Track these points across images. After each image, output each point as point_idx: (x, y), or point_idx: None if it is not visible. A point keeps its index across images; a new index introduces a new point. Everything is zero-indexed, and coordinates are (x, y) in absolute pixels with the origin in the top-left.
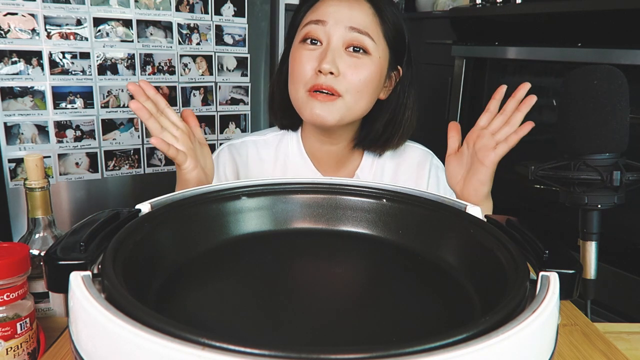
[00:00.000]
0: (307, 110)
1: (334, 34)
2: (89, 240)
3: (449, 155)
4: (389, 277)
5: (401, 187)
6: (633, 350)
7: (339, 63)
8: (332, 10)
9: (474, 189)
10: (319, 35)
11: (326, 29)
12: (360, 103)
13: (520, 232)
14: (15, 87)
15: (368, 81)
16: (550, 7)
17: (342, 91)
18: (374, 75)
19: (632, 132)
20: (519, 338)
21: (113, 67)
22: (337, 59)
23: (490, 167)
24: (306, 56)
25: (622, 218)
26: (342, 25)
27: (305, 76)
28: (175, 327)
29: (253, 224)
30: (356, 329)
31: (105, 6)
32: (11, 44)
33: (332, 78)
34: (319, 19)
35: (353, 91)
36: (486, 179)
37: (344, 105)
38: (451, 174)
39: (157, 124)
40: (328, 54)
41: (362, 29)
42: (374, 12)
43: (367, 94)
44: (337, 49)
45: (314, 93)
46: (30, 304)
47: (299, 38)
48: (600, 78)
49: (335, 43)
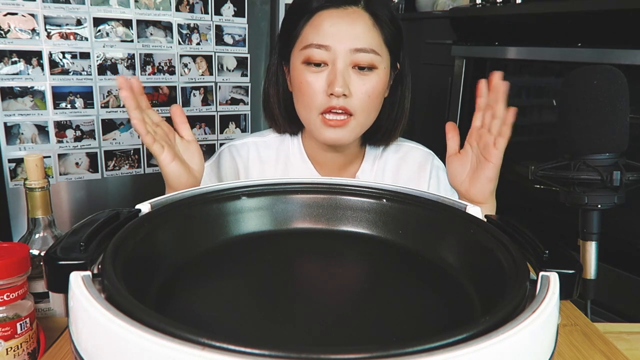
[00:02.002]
0: (322, 134)
1: (339, 57)
2: (89, 240)
3: (450, 156)
4: (389, 277)
5: (401, 187)
6: (633, 350)
7: (348, 83)
8: (334, 30)
9: (481, 186)
10: (324, 58)
11: (330, 52)
12: (371, 116)
13: (520, 232)
14: (15, 87)
15: (376, 95)
16: (550, 7)
17: (355, 110)
18: (381, 87)
19: (632, 132)
20: (519, 338)
21: (113, 67)
22: (346, 79)
23: (497, 163)
24: (314, 79)
25: (622, 218)
26: (346, 47)
27: (317, 100)
28: (175, 327)
29: (253, 224)
30: (356, 329)
31: (105, 6)
32: (11, 44)
33: (343, 99)
34: (322, 44)
35: (364, 108)
36: (493, 175)
37: (357, 124)
38: (454, 174)
39: (142, 115)
40: (338, 77)
41: (367, 47)
42: (373, 22)
43: (376, 107)
44: (345, 69)
45: (326, 119)
46: (30, 304)
47: (300, 58)
48: (600, 78)
49: (341, 64)
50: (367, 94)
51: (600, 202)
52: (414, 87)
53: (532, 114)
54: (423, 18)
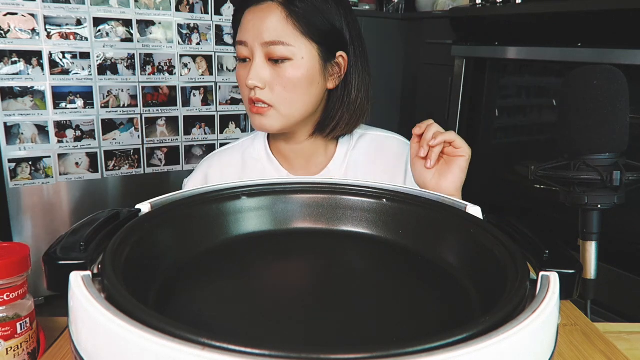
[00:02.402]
0: (252, 122)
1: (255, 51)
2: (89, 240)
3: (414, 158)
4: (389, 277)
5: (401, 187)
6: (633, 350)
7: (263, 76)
8: (249, 27)
9: (453, 177)
10: (245, 54)
11: (248, 48)
12: (296, 106)
13: (520, 232)
14: (15, 87)
15: (294, 86)
16: (550, 7)
17: (272, 102)
18: (299, 78)
19: (632, 132)
20: (519, 338)
21: (113, 67)
22: (260, 72)
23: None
24: (242, 73)
25: (622, 218)
26: (258, 42)
27: (244, 92)
28: (175, 327)
29: (253, 224)
30: (356, 328)
31: (105, 6)
32: (11, 44)
33: (259, 91)
34: (241, 40)
35: (282, 100)
36: (465, 165)
37: (277, 114)
38: (421, 171)
39: None
40: (251, 71)
41: (274, 39)
42: (286, 15)
43: (299, 97)
44: (260, 63)
45: (251, 106)
46: (30, 303)
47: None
48: (600, 78)
49: (257, 59)
50: (282, 85)
51: (600, 202)
52: (413, 86)
53: (532, 114)
54: (423, 18)
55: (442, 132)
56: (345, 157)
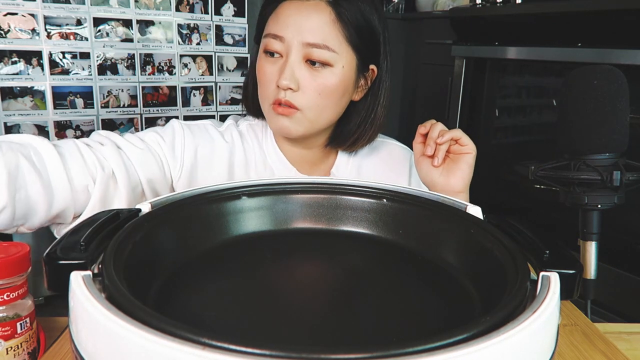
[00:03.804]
0: (273, 123)
1: (292, 49)
2: (89, 240)
3: (420, 157)
4: (389, 277)
5: (401, 187)
6: (633, 350)
7: (298, 77)
8: (290, 22)
9: (461, 173)
10: (277, 49)
11: (284, 44)
12: (323, 114)
13: (520, 232)
14: (15, 87)
15: (329, 93)
16: (550, 7)
17: (302, 106)
18: (336, 86)
19: (632, 132)
20: (520, 338)
21: (113, 67)
22: (296, 72)
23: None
24: (268, 69)
25: (622, 218)
26: (299, 41)
27: (268, 90)
28: (175, 327)
29: (253, 224)
30: (356, 329)
31: (105, 6)
32: (11, 44)
33: (290, 93)
34: (277, 34)
35: (313, 105)
36: (473, 161)
37: (304, 119)
38: (427, 170)
39: None
40: (286, 70)
41: (319, 42)
42: (334, 18)
43: (330, 105)
44: (296, 62)
45: (275, 106)
46: (30, 303)
47: (262, 46)
48: (600, 78)
49: (293, 58)
50: (317, 91)
51: (600, 202)
52: (413, 86)
53: (532, 114)
54: (423, 18)
55: (447, 130)
56: (348, 162)
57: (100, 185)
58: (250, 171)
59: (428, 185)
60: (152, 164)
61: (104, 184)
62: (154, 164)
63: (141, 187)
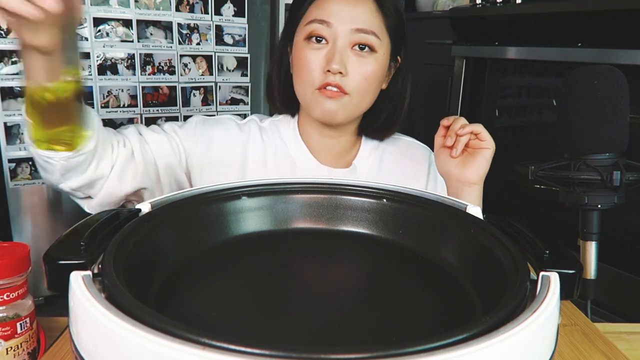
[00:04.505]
0: (318, 107)
1: (340, 35)
2: (89, 240)
3: (440, 148)
4: (389, 277)
5: (401, 187)
6: (633, 350)
7: (346, 62)
8: (336, 9)
9: (477, 166)
10: (325, 35)
11: (332, 30)
12: (365, 99)
13: (520, 232)
14: (15, 87)
15: (373, 78)
16: (550, 7)
17: (350, 89)
18: (378, 71)
19: (632, 132)
20: (520, 338)
21: (113, 67)
22: (345, 58)
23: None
24: (313, 56)
25: (622, 218)
26: (348, 27)
27: (314, 76)
28: (175, 327)
29: (253, 224)
30: (356, 329)
31: (105, 6)
32: (11, 44)
33: (339, 77)
34: (324, 20)
35: (359, 89)
36: (490, 155)
37: (350, 103)
38: (445, 161)
39: None
40: (336, 55)
41: (367, 28)
42: (377, 7)
43: (372, 90)
44: (344, 48)
45: (322, 90)
46: (30, 303)
47: (302, 34)
48: (600, 78)
49: (341, 43)
50: (364, 76)
51: (600, 202)
52: (413, 86)
53: (532, 114)
54: (423, 18)
55: (468, 124)
56: (370, 156)
57: (120, 160)
58: (269, 162)
59: (444, 175)
60: (167, 148)
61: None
62: (168, 147)
63: (155, 166)
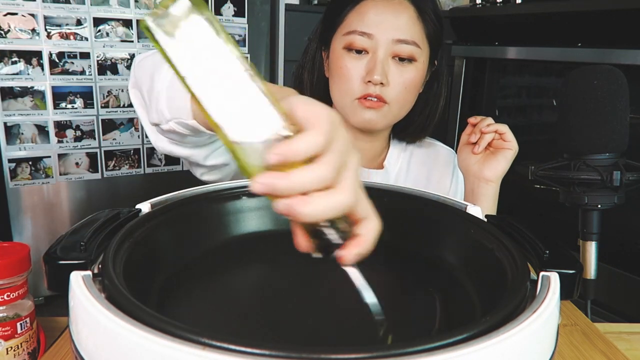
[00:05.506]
0: (357, 116)
1: (381, 45)
2: (89, 240)
3: (464, 145)
4: (389, 277)
5: (401, 187)
6: (633, 351)
7: (387, 72)
8: (378, 19)
9: (496, 164)
10: (365, 46)
11: (373, 41)
12: (405, 107)
13: (520, 232)
14: (15, 87)
15: (412, 87)
16: (550, 7)
17: (390, 99)
18: (418, 79)
19: (632, 132)
20: (520, 338)
21: (113, 67)
22: (386, 68)
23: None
24: (353, 66)
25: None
26: (389, 37)
27: (354, 86)
28: (175, 327)
29: (254, 224)
30: (356, 329)
31: (105, 6)
32: (11, 44)
33: (380, 87)
34: (365, 32)
35: (399, 98)
36: (512, 156)
37: (390, 112)
38: (466, 156)
39: None
40: (377, 65)
41: (409, 39)
42: (417, 15)
43: (410, 99)
44: (385, 58)
45: (362, 100)
46: (30, 303)
47: (342, 43)
48: (600, 78)
49: (382, 54)
50: (404, 86)
51: (600, 202)
52: None
53: (532, 114)
54: None
55: (495, 124)
56: (399, 157)
57: None
58: None
59: (463, 170)
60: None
61: None
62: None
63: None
